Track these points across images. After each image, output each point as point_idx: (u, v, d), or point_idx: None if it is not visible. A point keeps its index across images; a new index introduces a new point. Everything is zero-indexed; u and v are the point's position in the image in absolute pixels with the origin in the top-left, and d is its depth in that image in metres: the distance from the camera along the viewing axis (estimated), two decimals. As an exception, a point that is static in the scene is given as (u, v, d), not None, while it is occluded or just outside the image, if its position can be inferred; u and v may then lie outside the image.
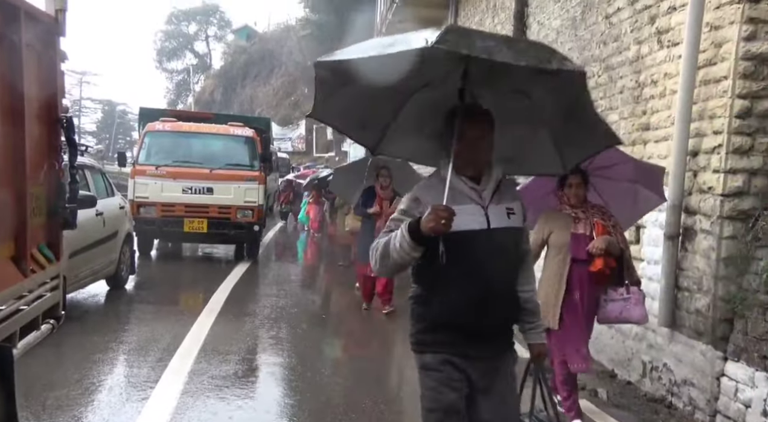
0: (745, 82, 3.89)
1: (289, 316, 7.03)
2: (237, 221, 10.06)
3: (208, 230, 9.98)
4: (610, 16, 5.62)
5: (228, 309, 6.86)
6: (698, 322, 4.08)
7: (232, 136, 10.67)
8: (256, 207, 10.16)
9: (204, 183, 9.98)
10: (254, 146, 10.56)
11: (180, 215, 9.91)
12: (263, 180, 10.53)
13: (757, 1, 3.83)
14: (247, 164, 10.35)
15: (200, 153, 10.35)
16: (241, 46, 49.87)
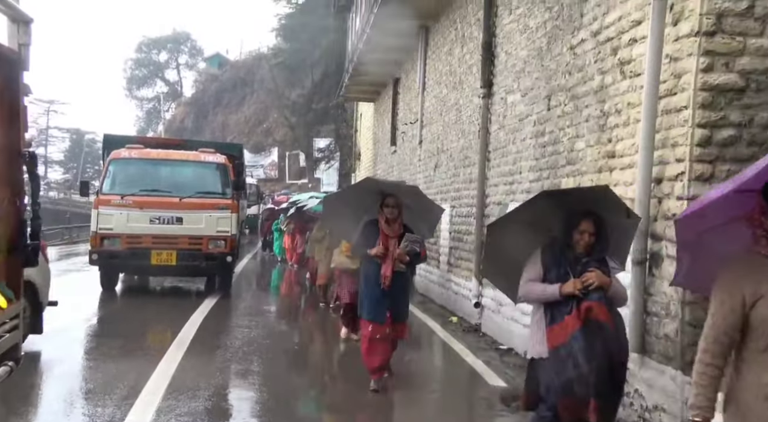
0: (704, 112, 4.02)
1: (261, 348, 6.91)
2: (209, 252, 9.66)
3: (177, 263, 9.50)
4: (575, 47, 5.78)
5: (198, 342, 6.71)
6: (667, 347, 4.13)
7: (203, 162, 10.27)
8: (229, 237, 9.75)
9: (173, 213, 9.56)
10: (226, 173, 10.18)
11: (147, 247, 9.44)
12: (236, 208, 10.13)
13: (712, 34, 3.98)
14: (219, 191, 9.96)
15: (169, 181, 9.91)
16: (212, 74, 49.95)
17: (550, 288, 3.47)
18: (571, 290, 3.40)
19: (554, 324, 3.43)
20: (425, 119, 11.84)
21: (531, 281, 3.54)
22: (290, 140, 37.00)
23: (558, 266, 3.51)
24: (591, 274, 3.43)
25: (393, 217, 5.13)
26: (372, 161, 18.36)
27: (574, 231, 3.50)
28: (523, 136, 7.01)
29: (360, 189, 5.38)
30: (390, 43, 12.87)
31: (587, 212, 3.49)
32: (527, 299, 3.69)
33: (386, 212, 5.12)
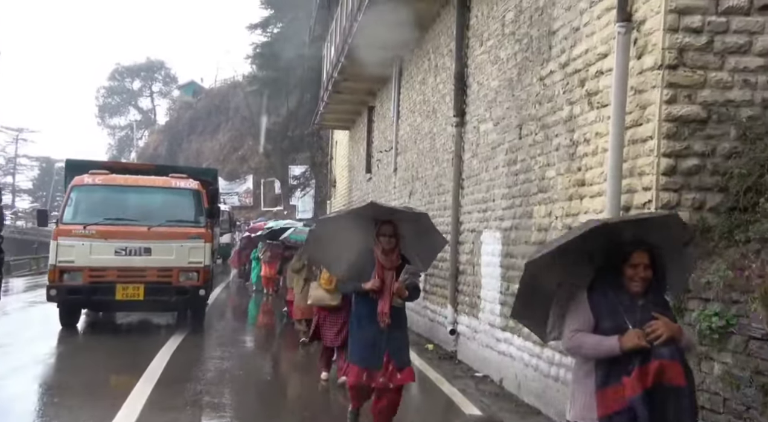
0: (669, 142, 4.14)
1: (234, 381, 6.77)
2: (179, 285, 8.97)
3: (145, 297, 8.80)
4: (544, 78, 5.92)
5: (168, 376, 6.53)
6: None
7: (175, 189, 9.59)
8: (202, 268, 9.10)
9: (141, 243, 8.87)
10: (199, 200, 9.53)
11: (111, 280, 8.71)
12: (210, 237, 9.50)
13: (675, 67, 4.13)
14: (191, 219, 9.34)
15: (137, 209, 9.21)
16: (187, 102, 49.86)
17: (606, 342, 2.70)
18: (636, 344, 2.63)
19: (607, 386, 2.69)
20: (400, 146, 11.94)
21: (580, 332, 2.79)
22: (265, 168, 36.92)
23: (613, 312, 2.76)
24: (657, 323, 2.69)
25: (390, 247, 4.46)
26: (347, 188, 18.39)
27: (624, 266, 2.79)
28: (495, 164, 7.11)
29: (356, 215, 4.62)
30: (364, 72, 13.01)
31: (638, 242, 2.80)
32: (576, 354, 2.93)
33: (383, 241, 4.45)
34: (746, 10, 4.10)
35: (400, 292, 4.42)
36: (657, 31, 4.16)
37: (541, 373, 5.62)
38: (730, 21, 4.10)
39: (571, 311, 2.87)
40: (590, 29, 5.04)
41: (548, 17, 5.83)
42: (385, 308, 4.37)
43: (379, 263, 4.46)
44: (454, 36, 8.46)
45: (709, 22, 4.09)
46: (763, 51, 4.10)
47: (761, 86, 4.10)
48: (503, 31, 6.98)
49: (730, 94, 4.12)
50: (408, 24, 10.18)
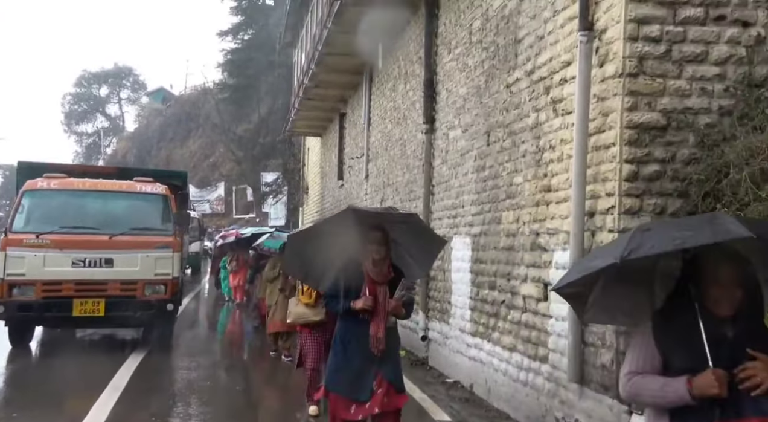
0: (631, 148, 4.22)
1: (202, 391, 6.66)
2: (145, 299, 8.16)
3: (106, 313, 8.00)
4: (511, 86, 6.00)
5: (133, 388, 6.38)
6: (604, 377, 4.22)
7: (140, 193, 8.75)
8: (170, 280, 8.32)
9: (102, 253, 8.07)
10: (167, 205, 8.77)
11: (68, 295, 7.87)
12: (179, 246, 8.73)
13: (635, 76, 4.22)
14: (158, 227, 8.55)
15: (97, 216, 8.43)
16: (156, 109, 49.24)
17: (674, 385, 2.06)
18: (712, 391, 1.99)
19: None
20: (371, 153, 11.96)
21: (639, 375, 2.16)
22: (237, 175, 36.61)
23: (686, 345, 2.10)
24: (755, 365, 2.00)
25: (381, 257, 3.81)
26: (320, 195, 18.33)
27: (707, 286, 2.11)
28: (464, 170, 7.17)
29: (335, 224, 4.01)
30: (335, 79, 13.04)
31: (726, 254, 2.11)
32: (635, 401, 2.44)
33: (372, 251, 3.80)
34: (702, 21, 4.21)
35: (397, 310, 3.83)
36: (617, 40, 4.25)
37: (511, 378, 5.66)
38: (687, 31, 4.21)
39: (631, 347, 2.26)
40: (554, 38, 5.12)
41: (514, 26, 5.91)
42: (379, 332, 3.72)
43: (369, 278, 3.80)
44: (423, 43, 8.52)
45: (667, 31, 4.19)
46: (719, 60, 4.21)
47: (717, 94, 4.21)
48: (470, 39, 7.06)
49: (688, 101, 4.22)
50: (377, 31, 10.22)
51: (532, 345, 5.28)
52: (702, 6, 4.22)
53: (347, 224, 3.91)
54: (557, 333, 4.83)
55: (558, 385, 4.79)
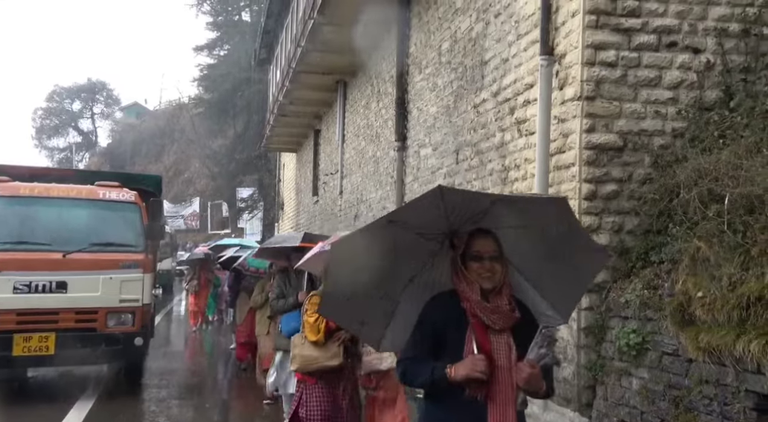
0: (589, 168, 4.38)
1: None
2: (108, 331, 6.59)
3: (57, 350, 6.35)
4: (478, 106, 6.16)
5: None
6: (566, 390, 4.34)
7: (103, 201, 7.07)
8: (139, 308, 6.76)
9: (53, 275, 6.47)
10: (137, 215, 7.13)
11: (7, 329, 6.26)
12: (150, 266, 7.20)
13: (593, 99, 4.39)
14: (125, 242, 6.94)
15: (49, 229, 6.79)
16: (130, 124, 48.82)
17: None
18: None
19: None
20: (345, 170, 12.06)
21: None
22: (212, 190, 36.38)
23: None
24: None
25: (495, 283, 2.20)
26: (295, 210, 18.35)
27: None
28: (435, 188, 7.29)
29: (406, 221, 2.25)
30: (309, 96, 13.15)
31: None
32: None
33: (478, 271, 2.20)
34: (655, 47, 4.41)
35: (533, 382, 2.09)
36: (576, 64, 4.43)
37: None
38: (641, 56, 4.41)
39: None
40: (518, 61, 5.30)
41: (480, 48, 6.09)
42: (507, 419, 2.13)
43: (477, 323, 2.16)
44: (395, 63, 8.69)
45: (622, 56, 4.39)
46: (672, 84, 4.41)
47: (671, 117, 4.41)
48: (440, 59, 7.23)
49: (643, 123, 4.41)
50: (351, 50, 10.38)
51: (500, 360, 5.38)
52: (655, 33, 4.43)
53: (427, 222, 2.23)
54: (523, 348, 4.94)
55: (523, 399, 4.89)
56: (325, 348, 4.12)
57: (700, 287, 3.50)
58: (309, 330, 4.14)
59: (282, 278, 5.61)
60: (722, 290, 3.36)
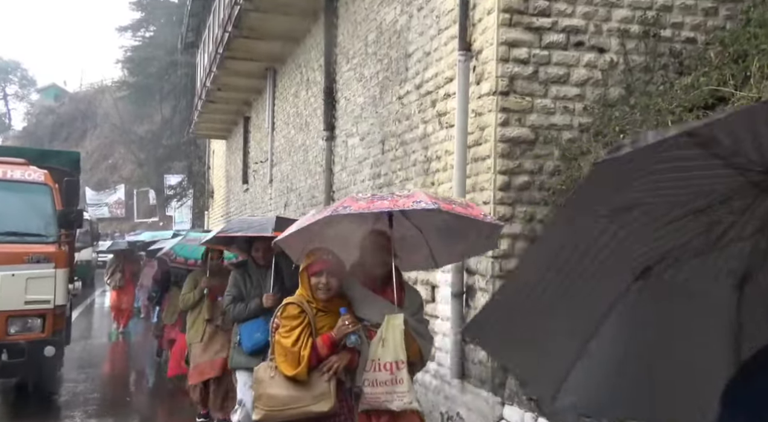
0: (504, 160, 4.60)
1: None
2: (10, 340, 5.61)
3: None
4: (402, 98, 6.29)
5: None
6: (481, 371, 4.57)
7: (3, 181, 6.07)
8: (50, 311, 5.83)
9: None
10: (48, 199, 6.13)
11: None
12: (64, 260, 6.12)
13: (507, 94, 4.60)
14: (32, 231, 5.99)
15: None
16: (47, 106, 46.27)
17: None
18: None
19: None
20: (275, 158, 11.98)
21: None
22: (139, 177, 35.12)
23: None
24: None
25: None
26: (225, 198, 18.05)
27: None
28: (362, 177, 7.40)
29: None
30: (238, 83, 12.94)
31: None
32: None
33: None
34: (564, 46, 4.66)
35: None
36: (491, 60, 4.61)
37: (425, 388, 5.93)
38: (551, 54, 4.65)
39: None
40: (439, 55, 5.46)
41: (404, 40, 6.21)
42: None
43: None
44: (323, 52, 8.69)
45: (534, 54, 4.61)
46: (579, 81, 4.68)
47: (578, 113, 4.68)
48: (366, 50, 7.31)
49: (553, 118, 4.66)
50: (279, 37, 10.30)
51: (422, 344, 5.58)
52: (564, 32, 4.67)
53: None
54: (443, 333, 5.15)
55: (443, 381, 5.11)
56: (309, 386, 2.75)
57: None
58: (284, 359, 2.76)
59: (240, 275, 4.47)
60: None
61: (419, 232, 3.16)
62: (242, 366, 4.32)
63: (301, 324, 2.82)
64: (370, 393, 2.83)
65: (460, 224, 2.91)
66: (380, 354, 2.79)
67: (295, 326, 2.80)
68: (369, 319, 2.90)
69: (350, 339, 2.78)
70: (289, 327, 2.82)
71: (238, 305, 4.35)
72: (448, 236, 3.07)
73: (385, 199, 2.85)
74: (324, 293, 2.87)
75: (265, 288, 4.28)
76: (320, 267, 2.86)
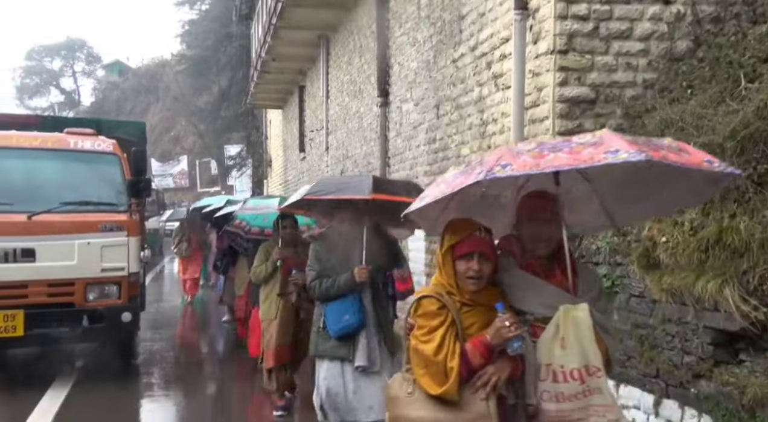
0: (562, 121, 4.50)
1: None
2: (88, 306, 5.66)
3: (27, 331, 5.46)
4: (457, 61, 6.20)
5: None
6: (541, 334, 4.58)
7: (75, 152, 6.03)
8: (125, 278, 5.83)
9: (16, 241, 5.51)
10: (117, 168, 6.10)
11: None
12: (136, 228, 6.09)
13: (565, 52, 4.47)
14: (104, 201, 5.94)
15: (8, 186, 5.76)
16: (112, 82, 47.94)
17: None
18: None
19: None
20: (330, 126, 12.08)
21: None
22: (200, 148, 36.15)
23: None
24: None
25: None
26: (283, 167, 18.39)
27: None
28: (417, 143, 7.40)
29: None
30: (292, 52, 13.02)
31: None
32: None
33: None
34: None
35: None
36: (549, 18, 4.48)
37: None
38: (612, 9, 4.47)
39: None
40: (494, 15, 5.33)
41: (458, 2, 6.09)
42: None
43: None
44: (375, 18, 8.62)
45: (594, 10, 4.44)
46: (642, 36, 4.49)
47: (642, 69, 4.50)
48: (419, 14, 7.21)
49: (615, 76, 4.51)
50: (332, 4, 10.27)
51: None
52: (626, -15, 4.47)
53: None
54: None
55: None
56: (461, 406, 2.09)
57: (664, 232, 3.69)
58: (425, 371, 2.12)
59: (323, 247, 3.76)
60: (684, 235, 3.54)
61: (587, 183, 2.26)
62: (327, 355, 3.60)
63: (444, 324, 2.10)
64: (555, 411, 2.07)
65: (664, 173, 2.01)
66: (561, 358, 2.05)
67: (435, 327, 2.11)
68: (533, 312, 2.15)
69: (512, 345, 2.04)
70: (428, 329, 2.12)
71: (324, 281, 3.62)
72: (640, 185, 2.16)
73: (560, 149, 1.94)
74: (475, 283, 2.12)
75: (354, 261, 3.61)
76: (471, 248, 2.12)
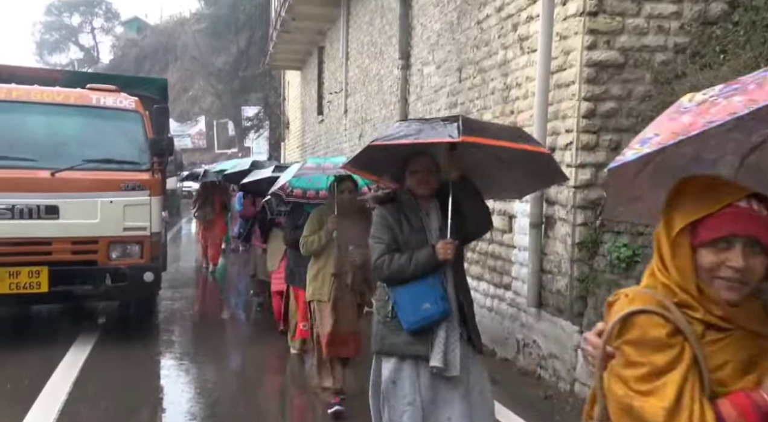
0: (589, 86, 4.39)
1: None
2: (111, 264, 5.66)
3: (51, 288, 5.44)
4: (481, 22, 6.05)
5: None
6: (559, 301, 4.58)
7: (97, 108, 5.95)
8: (147, 237, 5.81)
9: (40, 198, 5.45)
10: (139, 126, 6.03)
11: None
12: (158, 188, 6.02)
13: (595, 14, 4.33)
14: (127, 158, 5.88)
15: (33, 142, 5.68)
16: (131, 39, 47.72)
17: None
18: None
19: None
20: (349, 88, 11.95)
21: None
22: (218, 109, 36.09)
23: None
24: None
25: None
26: (301, 129, 18.32)
27: None
28: (438, 107, 7.30)
29: None
30: (312, 11, 12.81)
31: None
32: None
33: None
34: (662, -41, 4.29)
35: None
36: (579, -22, 4.32)
37: (478, 304, 6.03)
38: (647, -31, 4.29)
39: None
40: (522, -26, 5.16)
41: (485, -40, 5.90)
42: None
43: None
44: (398, -24, 8.41)
45: (627, -31, 4.27)
46: (676, -2, 4.32)
47: (673, 32, 4.35)
48: (444, -28, 7.01)
49: (645, 39, 4.37)
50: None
51: (498, 274, 5.62)
52: (662, -57, 4.28)
53: None
54: (519, 262, 5.15)
55: (519, 310, 5.16)
56: None
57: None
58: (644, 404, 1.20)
59: (392, 214, 2.86)
60: (710, 206, 3.48)
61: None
62: (398, 352, 2.76)
63: (679, 363, 1.21)
64: None
65: None
66: None
67: (662, 368, 1.22)
68: None
69: None
70: (650, 370, 1.23)
71: (395, 258, 2.75)
72: None
73: None
74: (736, 289, 1.25)
75: (433, 233, 2.81)
76: (731, 229, 1.24)
